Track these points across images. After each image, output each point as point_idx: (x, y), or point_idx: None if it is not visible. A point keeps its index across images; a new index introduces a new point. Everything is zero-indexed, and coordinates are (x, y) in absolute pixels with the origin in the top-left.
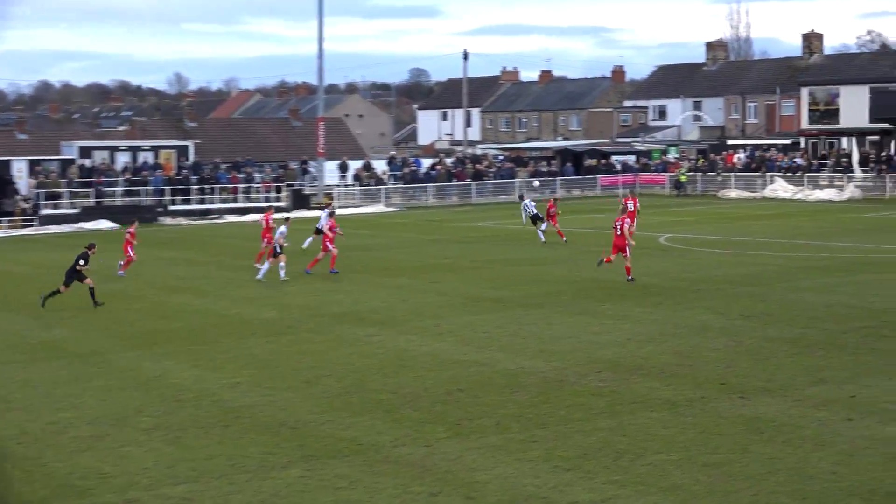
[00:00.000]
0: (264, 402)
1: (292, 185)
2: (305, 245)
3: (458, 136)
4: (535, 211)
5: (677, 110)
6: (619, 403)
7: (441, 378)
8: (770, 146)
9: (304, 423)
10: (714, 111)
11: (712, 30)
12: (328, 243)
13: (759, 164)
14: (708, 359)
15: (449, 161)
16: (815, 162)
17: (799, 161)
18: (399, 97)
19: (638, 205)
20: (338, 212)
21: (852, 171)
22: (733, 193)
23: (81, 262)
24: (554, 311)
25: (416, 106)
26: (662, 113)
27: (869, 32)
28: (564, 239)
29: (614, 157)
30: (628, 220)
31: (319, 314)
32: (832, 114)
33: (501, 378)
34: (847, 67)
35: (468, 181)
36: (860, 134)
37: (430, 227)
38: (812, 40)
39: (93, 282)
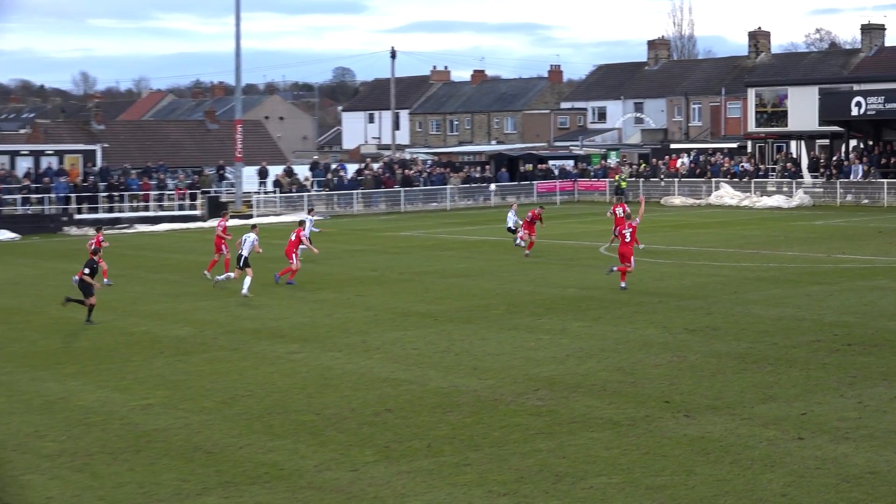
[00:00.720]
0: (178, 424)
1: (208, 192)
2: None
3: (386, 140)
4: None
5: (618, 112)
6: (557, 423)
7: (368, 398)
8: (715, 150)
9: (222, 448)
10: (656, 113)
11: (654, 27)
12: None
13: (704, 169)
14: (651, 375)
15: (376, 166)
16: (762, 167)
17: (746, 166)
18: (322, 98)
19: (627, 210)
20: (258, 220)
21: (801, 177)
22: (677, 200)
23: (87, 270)
24: (487, 326)
25: (340, 107)
26: (602, 115)
27: (818, 30)
28: (527, 253)
29: (551, 162)
30: (631, 226)
31: (236, 331)
32: (780, 116)
33: (433, 397)
34: (795, 67)
35: (396, 188)
36: (809, 137)
37: (356, 237)
38: (759, 39)
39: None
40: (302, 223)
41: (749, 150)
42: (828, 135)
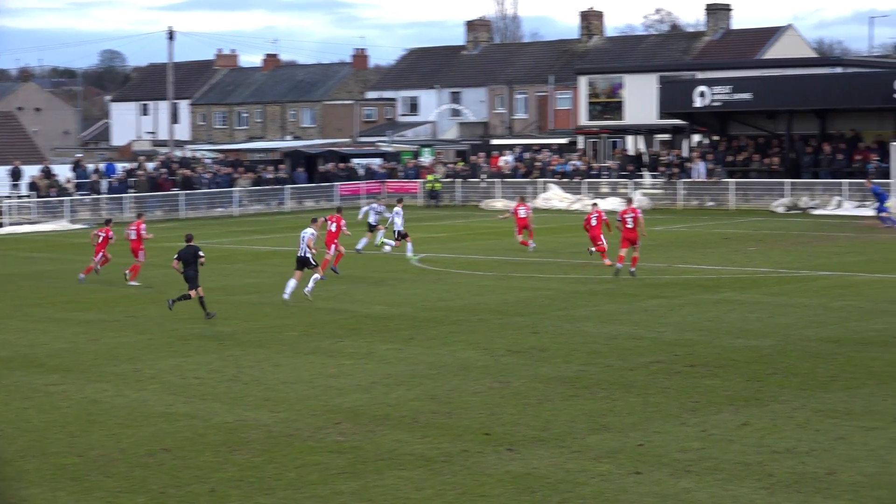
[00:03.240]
0: None
1: None
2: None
3: (163, 135)
4: (398, 226)
5: (432, 103)
6: (362, 461)
7: (141, 436)
8: (543, 146)
9: None
10: (476, 104)
11: (474, 7)
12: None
13: (530, 167)
14: (469, 404)
15: (151, 166)
16: (595, 165)
17: (577, 164)
18: (87, 86)
19: (530, 211)
20: (8, 230)
21: (639, 177)
22: (499, 203)
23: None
24: (281, 351)
25: (108, 97)
26: (414, 106)
27: (658, 11)
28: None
29: (356, 161)
30: (638, 211)
31: None
32: (615, 108)
33: (217, 434)
34: (632, 52)
35: (175, 191)
36: (648, 131)
37: (127, 249)
38: (591, 20)
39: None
40: (339, 209)
41: (580, 146)
42: (669, 129)
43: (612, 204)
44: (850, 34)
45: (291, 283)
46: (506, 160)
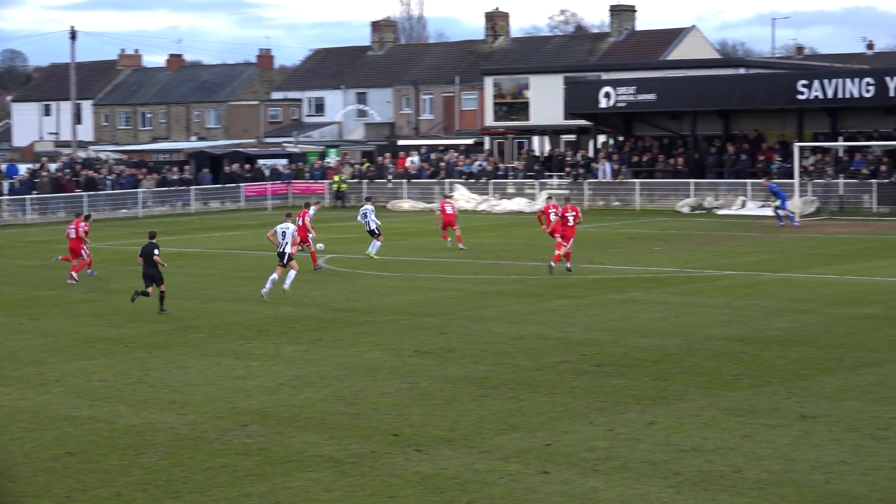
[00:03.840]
0: None
1: None
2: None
3: (66, 136)
4: (369, 224)
5: (338, 104)
6: (270, 463)
7: (45, 440)
8: (449, 147)
9: None
10: (382, 105)
11: (379, 7)
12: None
13: (437, 168)
14: (377, 405)
15: (53, 167)
16: (501, 166)
17: (483, 165)
18: None
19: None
20: None
21: (545, 177)
22: (406, 204)
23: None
24: (188, 353)
25: (9, 97)
26: (320, 107)
27: (563, 12)
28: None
29: (261, 161)
30: (577, 209)
31: None
32: (521, 108)
33: (123, 437)
34: (538, 53)
35: (79, 192)
36: (554, 132)
37: (29, 251)
38: (497, 21)
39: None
40: (307, 205)
41: (487, 146)
42: (574, 129)
43: (519, 205)
44: (752, 35)
45: (273, 278)
46: (412, 161)
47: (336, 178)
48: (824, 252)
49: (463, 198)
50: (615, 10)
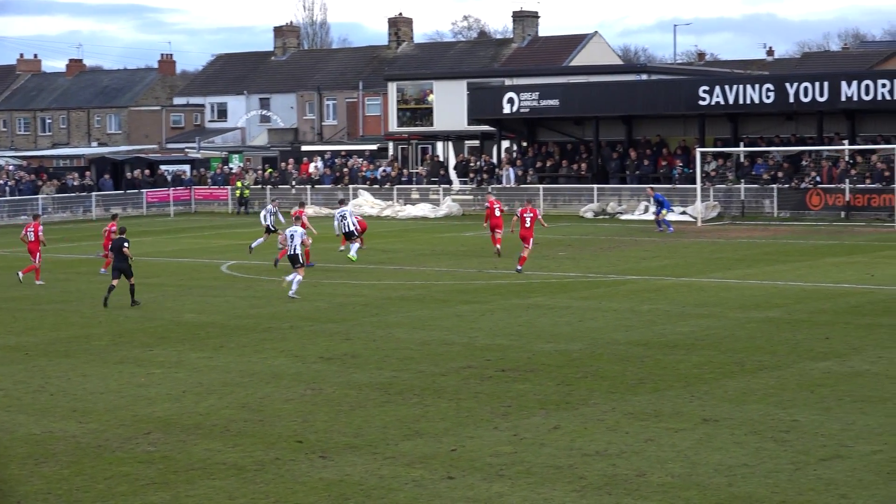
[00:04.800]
0: None
1: None
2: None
3: None
4: (348, 226)
5: (241, 109)
6: (173, 471)
7: None
8: (353, 153)
9: None
10: (285, 110)
11: (282, 12)
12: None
13: (341, 174)
14: (282, 412)
15: None
16: (405, 171)
17: (387, 170)
18: None
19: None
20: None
21: (449, 183)
22: (310, 210)
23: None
24: (89, 360)
25: None
26: (223, 112)
27: (466, 18)
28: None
29: (164, 167)
30: (536, 211)
31: None
32: (425, 114)
33: (22, 446)
34: (441, 59)
35: None
36: (458, 138)
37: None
38: (400, 26)
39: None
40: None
41: (391, 152)
42: (477, 135)
43: (423, 210)
44: (654, 42)
45: (290, 278)
46: (316, 167)
47: (239, 183)
48: (726, 256)
49: (367, 203)
50: (518, 16)
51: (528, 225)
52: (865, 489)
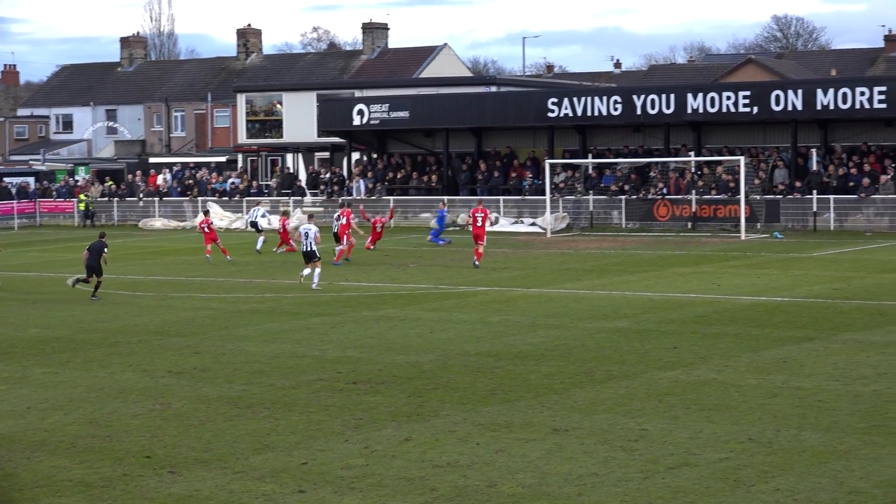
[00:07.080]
0: None
1: None
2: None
3: None
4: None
5: (87, 121)
6: (17, 489)
7: None
8: (202, 165)
9: None
10: (132, 122)
11: (129, 23)
12: None
13: (190, 186)
14: (129, 427)
15: None
16: (255, 184)
17: (236, 182)
18: None
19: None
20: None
21: (301, 195)
22: (158, 223)
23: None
24: None
25: None
26: (68, 124)
27: (315, 29)
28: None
29: (7, 180)
30: (487, 211)
31: None
32: (274, 125)
33: None
34: (291, 70)
35: None
36: (308, 149)
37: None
38: (249, 37)
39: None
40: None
41: (240, 164)
42: (328, 147)
43: (273, 222)
44: (503, 54)
45: (307, 272)
46: (164, 179)
47: (82, 196)
48: (575, 267)
49: (216, 216)
50: (368, 28)
51: (479, 224)
52: (713, 497)
